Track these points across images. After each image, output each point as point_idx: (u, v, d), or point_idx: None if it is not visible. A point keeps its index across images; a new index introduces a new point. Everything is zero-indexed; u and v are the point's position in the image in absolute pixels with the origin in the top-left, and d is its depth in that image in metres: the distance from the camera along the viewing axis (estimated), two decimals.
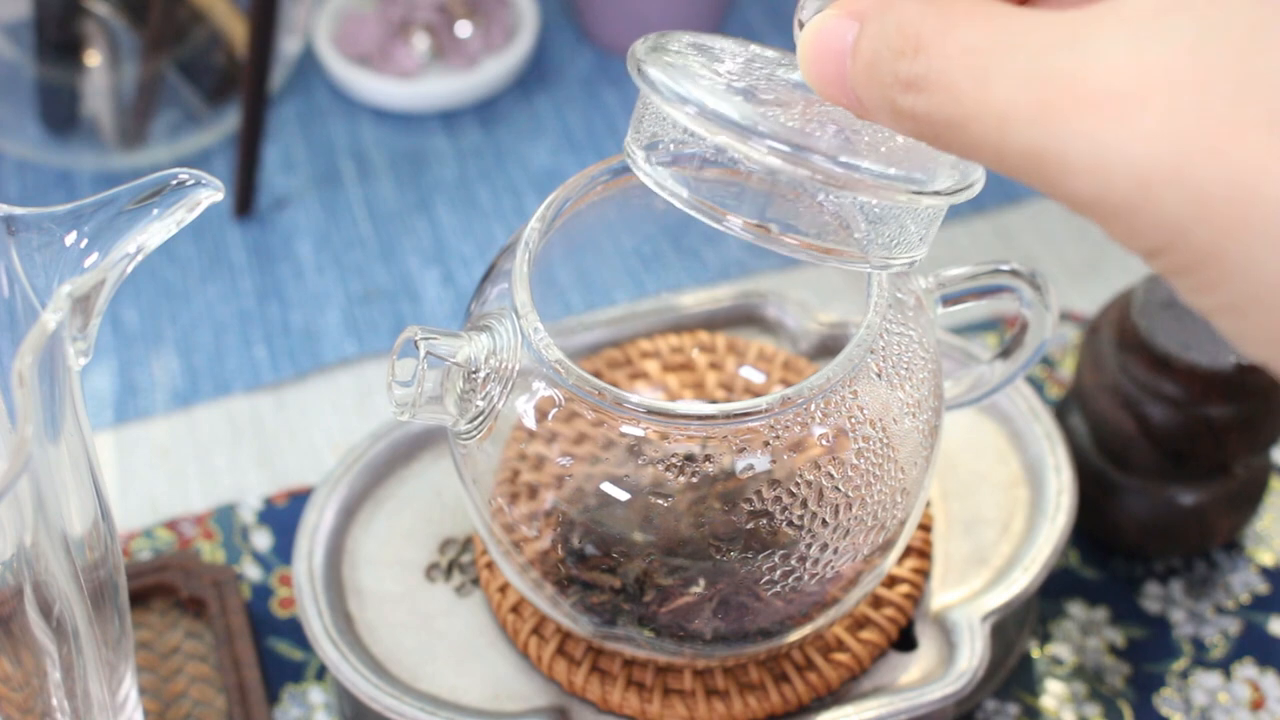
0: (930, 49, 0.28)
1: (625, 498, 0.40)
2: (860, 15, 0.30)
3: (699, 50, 0.36)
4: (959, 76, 0.27)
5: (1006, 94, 0.27)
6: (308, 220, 0.64)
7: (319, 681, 0.50)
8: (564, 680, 0.45)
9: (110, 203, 0.35)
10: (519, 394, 0.39)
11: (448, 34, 0.69)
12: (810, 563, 0.40)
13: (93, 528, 0.36)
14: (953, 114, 0.28)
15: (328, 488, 0.48)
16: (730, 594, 0.41)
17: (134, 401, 0.58)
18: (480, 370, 0.39)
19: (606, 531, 0.41)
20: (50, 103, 0.65)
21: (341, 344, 0.60)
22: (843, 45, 0.30)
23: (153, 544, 0.53)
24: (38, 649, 0.36)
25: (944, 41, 0.28)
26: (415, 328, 0.38)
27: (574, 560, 0.41)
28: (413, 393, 0.38)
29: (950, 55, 0.27)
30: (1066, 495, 0.48)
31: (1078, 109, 0.26)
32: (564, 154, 0.67)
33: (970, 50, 0.27)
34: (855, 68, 0.30)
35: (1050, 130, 0.26)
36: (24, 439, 0.30)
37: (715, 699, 0.44)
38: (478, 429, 0.39)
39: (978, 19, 0.27)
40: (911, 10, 0.28)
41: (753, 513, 0.39)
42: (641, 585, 0.41)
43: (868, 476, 0.40)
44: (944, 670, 0.44)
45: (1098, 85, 0.25)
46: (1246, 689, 0.50)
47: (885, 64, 0.29)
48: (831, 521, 0.40)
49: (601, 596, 0.41)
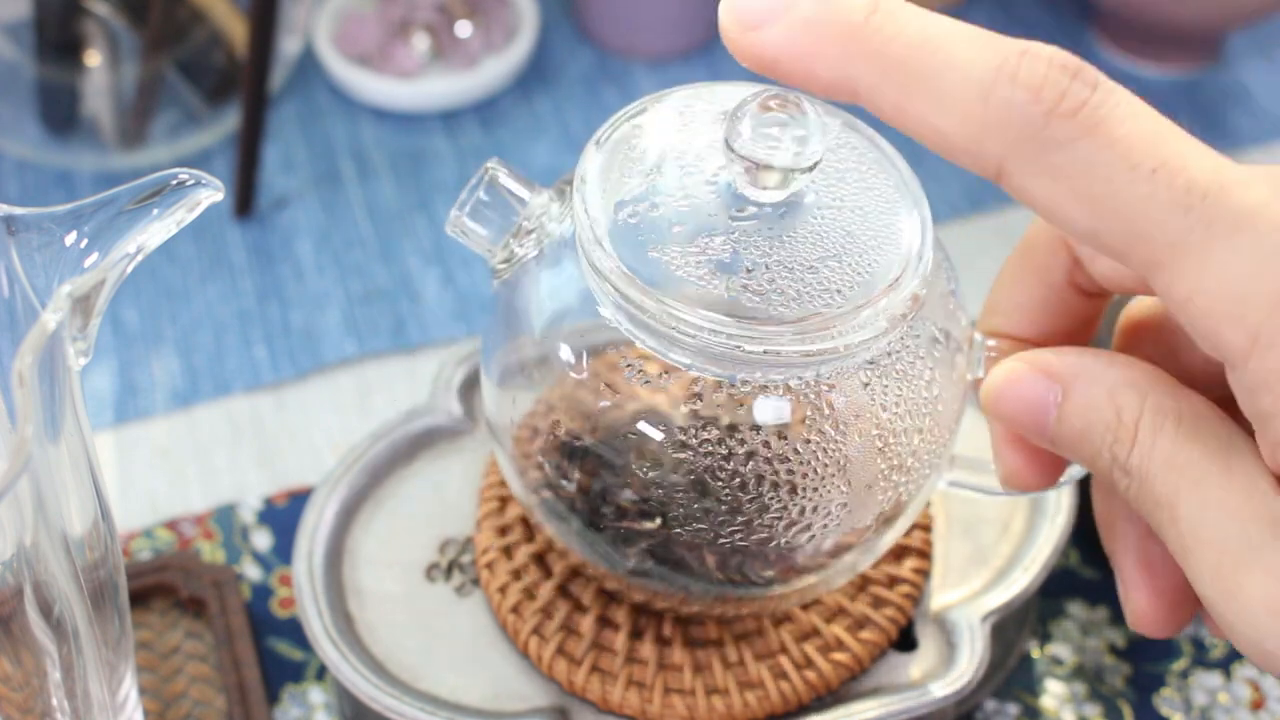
0: (1146, 470, 0.29)
1: (637, 406, 0.39)
2: (1061, 381, 0.31)
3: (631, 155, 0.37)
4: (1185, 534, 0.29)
5: (1255, 590, 0.28)
6: (308, 220, 0.64)
7: (319, 681, 0.50)
8: (564, 680, 0.45)
9: (110, 203, 0.35)
10: (551, 263, 0.39)
11: (448, 34, 0.69)
12: (796, 514, 0.39)
13: (93, 528, 0.36)
14: (1168, 534, 0.29)
15: (328, 488, 0.48)
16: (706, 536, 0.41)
17: (134, 401, 0.58)
18: (531, 221, 0.39)
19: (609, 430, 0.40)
20: (50, 103, 0.65)
21: (341, 344, 0.60)
22: (1045, 404, 0.31)
23: (153, 544, 0.53)
24: (38, 649, 0.36)
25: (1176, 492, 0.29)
26: (493, 161, 0.39)
27: (564, 455, 0.41)
28: (464, 207, 0.39)
29: (1185, 519, 0.29)
30: (1066, 495, 0.48)
31: None
32: (564, 154, 0.67)
33: (1208, 530, 0.28)
34: (1061, 432, 0.31)
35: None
36: (24, 439, 0.30)
37: (715, 697, 0.44)
38: (508, 270, 0.40)
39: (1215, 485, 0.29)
40: (1130, 401, 0.30)
41: (752, 454, 0.39)
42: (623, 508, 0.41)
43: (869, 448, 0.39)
44: (944, 670, 0.44)
45: None
46: (1247, 689, 0.50)
47: (1100, 443, 0.30)
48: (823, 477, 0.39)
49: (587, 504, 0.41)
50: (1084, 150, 0.27)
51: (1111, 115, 0.27)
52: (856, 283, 0.35)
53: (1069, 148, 0.27)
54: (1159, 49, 0.70)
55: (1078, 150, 0.27)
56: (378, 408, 0.58)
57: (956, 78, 0.27)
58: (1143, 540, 0.33)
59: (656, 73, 0.71)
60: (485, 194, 0.39)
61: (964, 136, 0.28)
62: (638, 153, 0.37)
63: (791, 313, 0.35)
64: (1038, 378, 0.31)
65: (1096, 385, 0.30)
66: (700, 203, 0.36)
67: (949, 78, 0.27)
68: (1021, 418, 0.32)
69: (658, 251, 0.35)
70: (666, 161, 0.37)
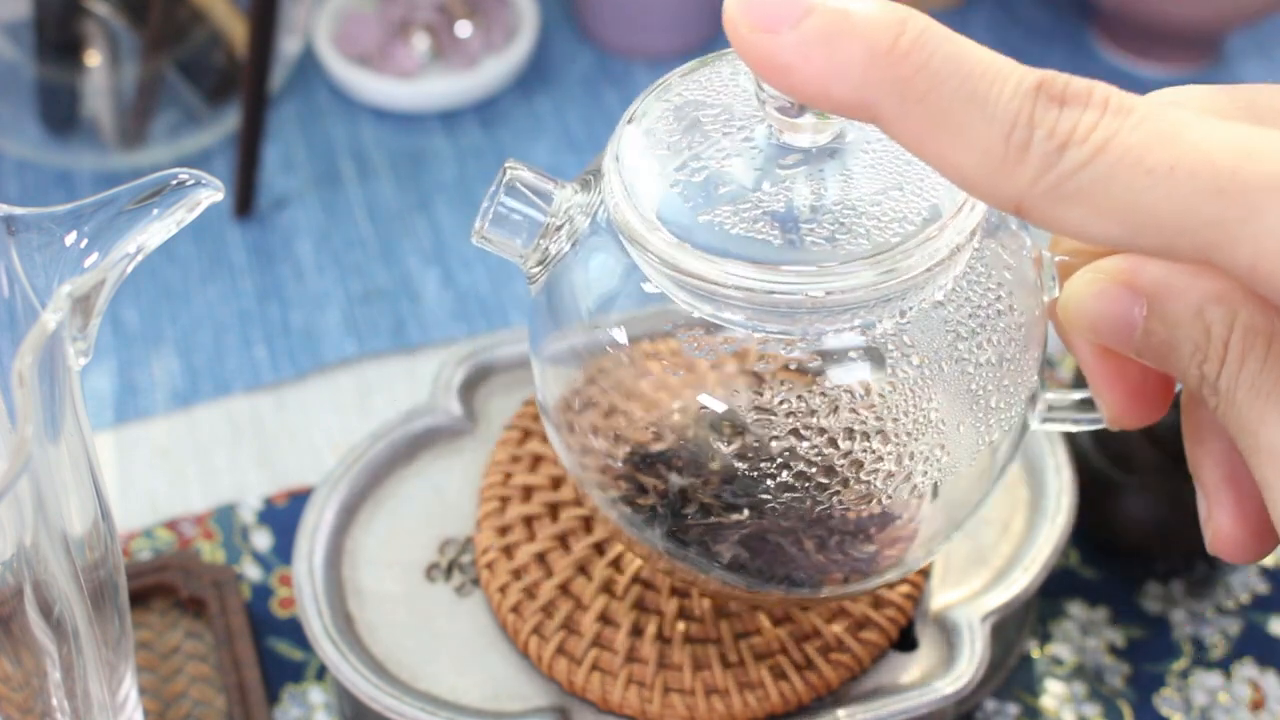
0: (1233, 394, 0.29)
1: (706, 383, 0.38)
2: (1146, 293, 0.30)
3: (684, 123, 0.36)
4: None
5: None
6: (308, 220, 0.64)
7: (319, 681, 0.50)
8: (564, 680, 0.45)
9: (110, 203, 0.35)
10: (587, 255, 0.38)
11: (448, 34, 0.69)
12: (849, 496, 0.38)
13: (93, 528, 0.36)
14: (1251, 461, 0.28)
15: (328, 488, 0.48)
16: (764, 527, 0.39)
17: (134, 401, 0.58)
18: (559, 217, 0.37)
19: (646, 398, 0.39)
20: (50, 103, 0.65)
21: (341, 344, 0.60)
22: (1129, 319, 0.30)
23: (153, 544, 0.53)
24: (38, 649, 0.36)
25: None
26: (510, 161, 0.37)
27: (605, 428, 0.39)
28: (486, 216, 0.37)
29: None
30: (1066, 495, 0.48)
31: None
32: (564, 154, 0.67)
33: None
34: (1147, 346, 0.30)
35: None
36: (24, 439, 0.30)
37: (715, 698, 0.44)
38: (543, 272, 0.38)
39: None
40: (1219, 328, 0.29)
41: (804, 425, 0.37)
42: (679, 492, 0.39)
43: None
44: (944, 670, 0.44)
45: None
46: (1247, 689, 0.50)
47: (1188, 360, 0.29)
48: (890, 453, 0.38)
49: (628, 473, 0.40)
50: (1099, 169, 0.26)
51: (1121, 128, 0.26)
52: (923, 208, 0.34)
53: (1083, 171, 0.26)
54: (1159, 49, 0.70)
55: (1093, 170, 0.26)
56: (378, 408, 0.58)
57: (979, 117, 0.27)
58: (1231, 455, 0.32)
59: (656, 73, 0.71)
60: (508, 197, 0.37)
61: (982, 176, 0.27)
62: (671, 123, 0.36)
63: (861, 249, 0.33)
64: (1120, 291, 0.30)
65: (1183, 299, 0.29)
66: (744, 160, 0.35)
67: (972, 116, 0.27)
68: (1104, 332, 0.31)
69: (708, 215, 0.34)
70: (701, 126, 0.36)
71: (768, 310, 0.34)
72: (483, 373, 0.52)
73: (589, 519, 0.47)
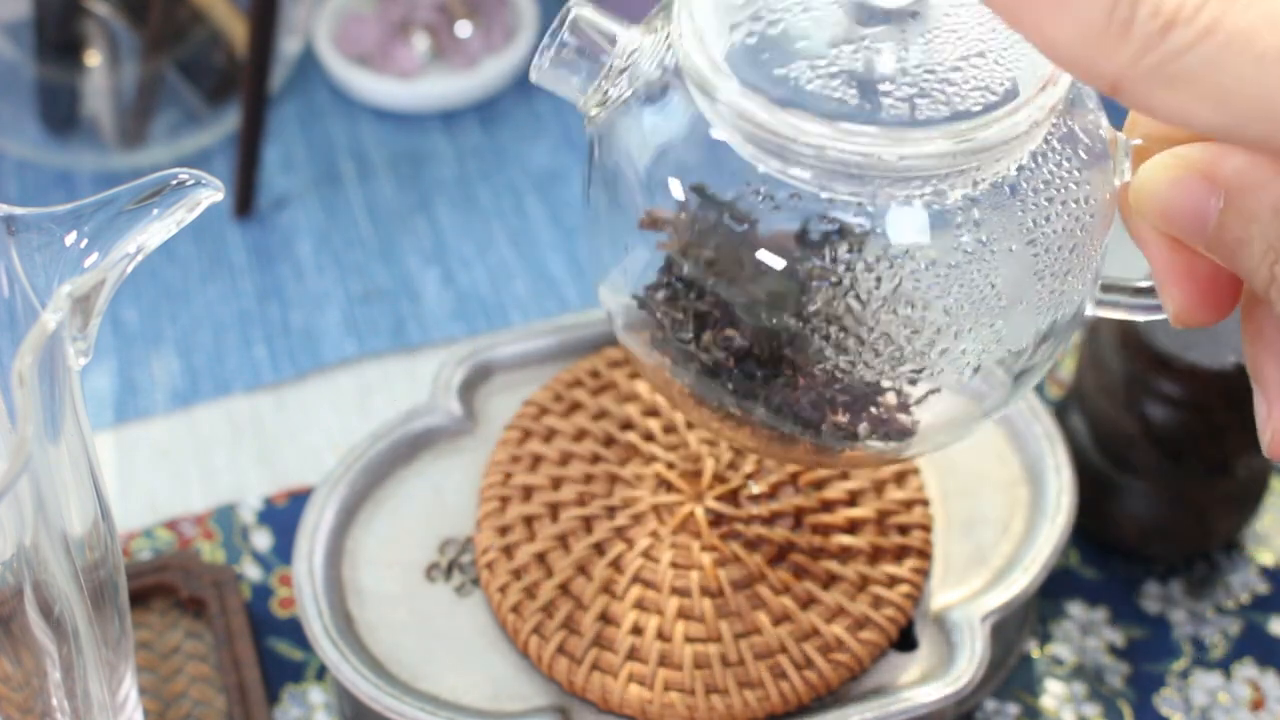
0: None
1: (742, 230, 0.36)
2: (1224, 185, 0.29)
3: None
4: None
5: None
6: (308, 220, 0.64)
7: (319, 681, 0.50)
8: (564, 680, 0.45)
9: (110, 203, 0.35)
10: (650, 100, 0.36)
11: (448, 34, 0.69)
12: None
13: (93, 528, 0.36)
14: None
15: (328, 488, 0.48)
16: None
17: (134, 401, 0.58)
18: (622, 59, 0.36)
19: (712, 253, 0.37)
20: (50, 103, 0.65)
21: (341, 344, 0.60)
22: (1204, 210, 0.29)
23: (153, 544, 0.53)
24: (38, 649, 0.36)
25: None
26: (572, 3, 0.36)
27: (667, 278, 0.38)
28: (546, 52, 0.36)
29: None
30: (1066, 495, 0.48)
31: None
32: (564, 154, 0.67)
33: None
34: (1219, 239, 0.29)
35: None
36: (24, 439, 0.30)
37: (715, 697, 0.44)
38: (603, 113, 0.37)
39: None
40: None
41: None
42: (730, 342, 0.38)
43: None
44: (944, 670, 0.44)
45: None
46: (1246, 689, 0.50)
47: (1260, 259, 0.28)
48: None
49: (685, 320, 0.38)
50: (1205, 52, 0.25)
51: (1231, 9, 0.25)
52: (1005, 79, 0.33)
53: (1189, 53, 0.26)
54: None
55: (1199, 53, 0.25)
56: (378, 408, 0.58)
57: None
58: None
59: None
60: (570, 36, 0.36)
61: (1080, 51, 0.26)
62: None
63: (939, 115, 0.32)
64: (1197, 180, 0.29)
65: (1262, 196, 0.28)
66: (823, 16, 0.33)
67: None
68: (1175, 221, 0.30)
69: (783, 69, 0.33)
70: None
71: (837, 171, 0.33)
72: (483, 373, 0.52)
73: (589, 519, 0.47)
